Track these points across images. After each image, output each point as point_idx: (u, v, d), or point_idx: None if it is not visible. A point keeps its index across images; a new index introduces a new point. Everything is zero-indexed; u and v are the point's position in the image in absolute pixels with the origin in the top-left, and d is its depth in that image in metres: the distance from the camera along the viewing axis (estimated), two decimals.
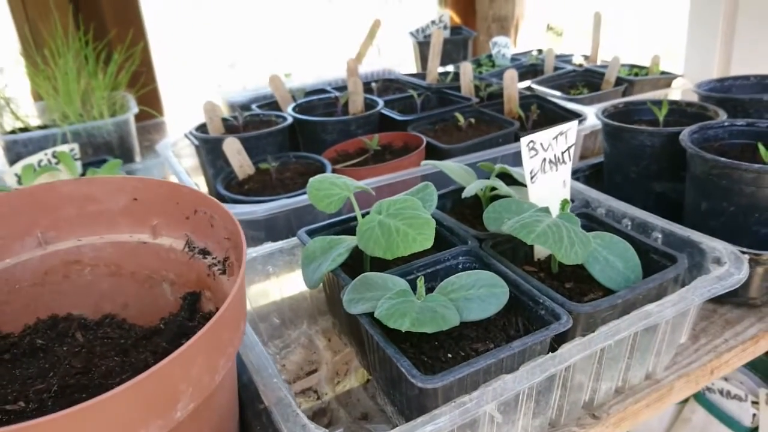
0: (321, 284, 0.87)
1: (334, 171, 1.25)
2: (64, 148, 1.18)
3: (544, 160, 0.83)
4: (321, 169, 1.27)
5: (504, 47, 2.11)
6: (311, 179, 0.86)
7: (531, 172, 0.83)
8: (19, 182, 1.14)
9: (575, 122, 0.84)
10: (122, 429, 0.44)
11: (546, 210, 0.77)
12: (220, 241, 0.66)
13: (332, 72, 2.09)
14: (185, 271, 0.70)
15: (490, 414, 0.63)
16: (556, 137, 0.83)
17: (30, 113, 1.84)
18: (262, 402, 0.67)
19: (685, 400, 1.42)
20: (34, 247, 0.69)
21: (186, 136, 1.60)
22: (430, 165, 0.99)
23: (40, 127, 1.71)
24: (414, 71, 2.24)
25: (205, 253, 0.68)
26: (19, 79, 2.01)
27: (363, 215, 0.80)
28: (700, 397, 1.37)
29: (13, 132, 1.69)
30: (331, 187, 0.84)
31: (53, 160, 1.17)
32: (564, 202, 0.78)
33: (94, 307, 0.74)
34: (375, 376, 0.76)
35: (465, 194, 0.89)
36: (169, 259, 0.71)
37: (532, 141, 0.81)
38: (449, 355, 0.68)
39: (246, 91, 1.94)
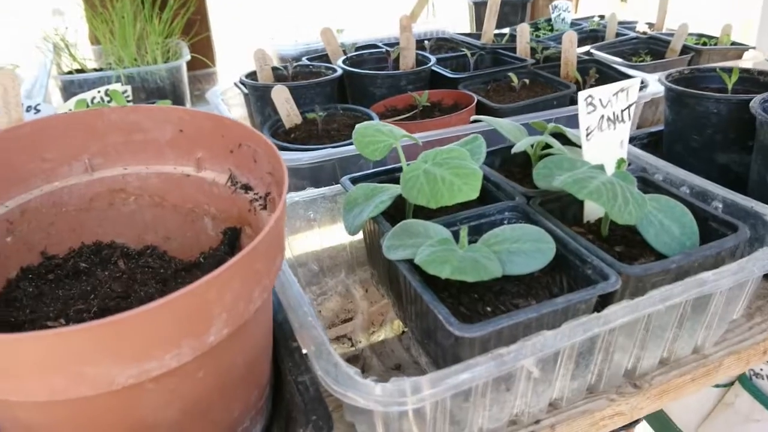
0: (361, 233, 0.86)
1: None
2: (116, 87, 1.19)
3: (602, 117, 0.79)
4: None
5: (564, 11, 2.03)
6: (357, 125, 0.84)
7: (587, 129, 0.79)
8: None
9: (638, 79, 0.80)
10: (156, 344, 0.44)
11: (600, 167, 0.73)
12: (263, 177, 0.65)
13: (385, 30, 2.05)
14: (227, 206, 0.70)
15: (527, 369, 0.61)
16: (616, 94, 0.79)
17: (87, 56, 1.87)
18: (295, 340, 0.67)
19: (729, 384, 1.38)
20: (81, 172, 0.69)
21: (236, 84, 1.60)
22: (480, 120, 0.96)
23: (95, 70, 1.73)
24: (468, 33, 2.18)
25: (247, 188, 0.67)
26: (78, 22, 2.05)
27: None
28: (745, 382, 1.32)
29: (69, 73, 1.72)
30: (376, 134, 0.83)
31: (105, 98, 1.18)
32: (620, 161, 0.74)
33: (137, 238, 0.74)
34: (410, 326, 0.75)
35: (515, 149, 0.86)
36: (212, 193, 0.70)
37: (590, 96, 0.77)
38: (488, 309, 0.67)
39: (297, 44, 1.92)
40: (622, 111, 0.80)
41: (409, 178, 0.75)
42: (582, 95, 0.77)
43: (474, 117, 0.96)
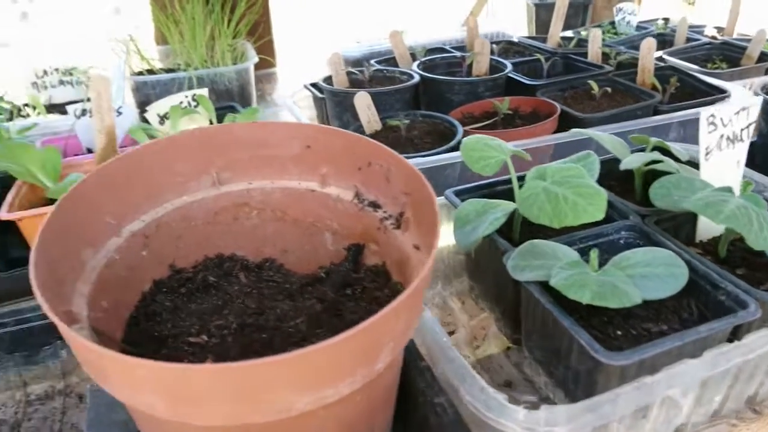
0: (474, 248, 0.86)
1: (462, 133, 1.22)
2: (202, 91, 1.20)
3: (722, 136, 0.78)
4: (449, 130, 1.25)
5: (630, 14, 2.00)
6: (464, 140, 0.84)
7: (706, 149, 0.77)
8: (161, 122, 1.17)
9: (760, 98, 0.78)
10: (335, 373, 0.45)
11: (729, 190, 0.72)
12: (395, 196, 0.65)
13: (445, 32, 2.04)
14: (351, 223, 0.70)
15: (665, 398, 0.60)
16: (738, 113, 0.77)
17: (152, 57, 1.89)
18: (423, 359, 0.67)
19: None
20: (209, 186, 0.70)
21: (306, 87, 1.61)
22: (581, 133, 0.95)
23: (165, 71, 1.75)
24: (526, 34, 2.16)
25: (375, 206, 0.67)
26: (137, 22, 2.07)
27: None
28: None
29: (140, 74, 1.74)
30: (485, 149, 0.82)
31: (192, 103, 1.19)
32: (746, 184, 0.73)
33: (256, 251, 0.75)
34: (528, 345, 0.74)
35: (625, 166, 0.85)
36: (336, 209, 0.70)
37: (712, 115, 0.76)
38: (618, 332, 0.66)
39: (360, 46, 1.92)
40: (742, 130, 0.79)
41: (528, 196, 0.74)
42: (704, 114, 0.75)
43: (574, 130, 0.95)
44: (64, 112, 1.64)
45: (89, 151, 1.36)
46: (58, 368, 0.82)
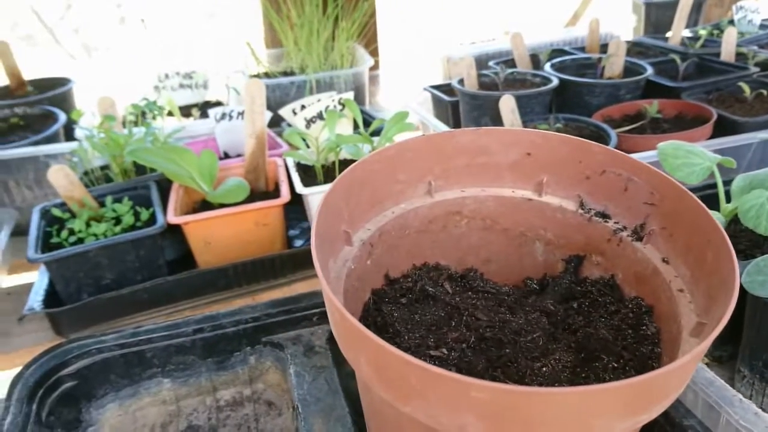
0: None
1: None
2: (348, 95, 1.20)
3: None
4: (595, 134, 1.21)
5: (752, 12, 1.91)
6: (661, 145, 0.80)
7: None
8: (307, 126, 1.18)
9: None
10: (657, 399, 0.42)
11: None
12: (633, 206, 0.62)
13: (553, 33, 2.00)
14: (571, 233, 0.67)
15: None
16: None
17: (262, 59, 1.91)
18: None
19: None
20: (423, 194, 0.69)
21: (427, 90, 1.59)
22: (760, 137, 0.90)
23: (282, 74, 1.77)
24: (632, 34, 2.09)
25: (604, 216, 0.65)
26: (249, 25, 2.09)
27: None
28: None
29: (257, 77, 1.76)
30: (689, 156, 0.79)
31: (338, 107, 1.19)
32: None
33: (459, 260, 0.73)
34: (753, 364, 0.70)
35: None
36: (554, 218, 0.68)
37: None
38: None
39: (469, 47, 1.90)
40: None
41: (751, 206, 0.70)
42: None
43: (750, 135, 0.90)
44: (187, 115, 1.68)
45: (225, 154, 1.37)
46: (246, 374, 0.82)
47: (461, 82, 1.40)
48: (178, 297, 1.02)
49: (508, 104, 1.21)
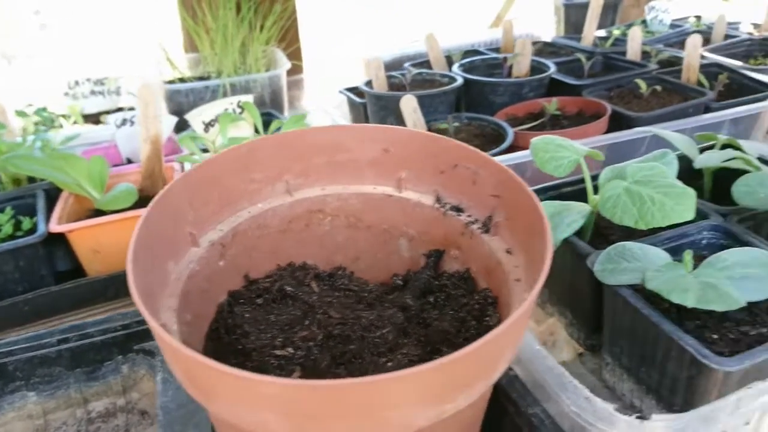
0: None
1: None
2: (248, 98, 1.18)
3: None
4: (496, 132, 1.23)
5: (662, 12, 1.97)
6: (534, 140, 0.81)
7: None
8: (206, 129, 1.16)
9: None
10: (457, 387, 0.42)
11: None
12: (482, 199, 0.62)
13: (474, 34, 2.02)
14: (430, 228, 0.68)
15: None
16: None
17: (180, 64, 1.87)
18: (511, 369, 0.64)
19: None
20: (282, 193, 0.68)
21: (342, 92, 1.59)
22: (646, 132, 0.93)
23: (197, 78, 1.74)
24: (553, 35, 2.13)
25: (458, 210, 0.65)
26: (167, 30, 2.06)
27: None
28: None
29: (172, 82, 1.73)
30: (558, 150, 0.80)
31: (238, 110, 1.18)
32: None
33: (327, 259, 0.73)
34: (611, 351, 0.71)
35: (700, 165, 0.82)
36: (414, 214, 0.68)
37: None
38: (714, 336, 0.63)
39: (390, 50, 1.91)
40: None
41: (609, 197, 0.71)
42: None
43: (640, 129, 0.92)
44: (97, 122, 1.64)
45: (129, 160, 1.34)
46: (119, 384, 0.80)
47: (369, 83, 1.40)
48: (64, 308, 0.98)
49: (409, 104, 1.21)
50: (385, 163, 0.68)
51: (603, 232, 0.82)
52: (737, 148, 0.88)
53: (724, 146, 0.90)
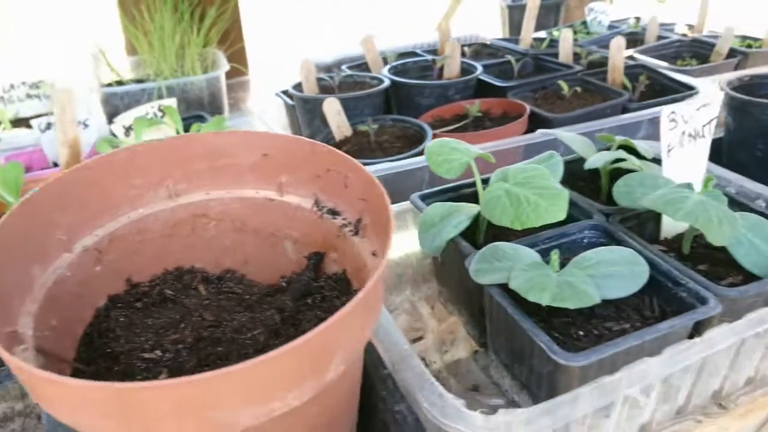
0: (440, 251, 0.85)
1: (432, 136, 1.22)
2: (169, 102, 1.19)
3: (683, 133, 0.78)
4: (419, 134, 1.24)
5: (601, 14, 2.01)
6: (429, 144, 0.83)
7: (668, 146, 0.77)
8: (126, 134, 1.16)
9: (720, 95, 0.78)
10: (281, 385, 0.44)
11: (689, 186, 0.72)
12: (353, 202, 0.64)
13: (418, 36, 2.04)
14: (311, 231, 0.69)
15: (628, 396, 0.60)
16: (699, 109, 0.77)
17: (122, 67, 1.87)
18: (385, 367, 0.66)
19: None
20: (165, 198, 0.69)
21: (278, 95, 1.60)
22: (545, 134, 0.95)
23: (135, 81, 1.74)
24: (500, 36, 2.16)
25: (334, 213, 0.67)
26: (109, 32, 2.05)
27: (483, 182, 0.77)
28: None
29: (109, 85, 1.72)
30: (451, 152, 0.82)
31: (159, 114, 1.18)
32: (708, 179, 0.73)
33: (216, 262, 0.74)
34: (494, 348, 0.74)
35: (590, 165, 0.85)
36: (295, 217, 0.70)
37: (673, 112, 0.76)
38: (580, 333, 0.65)
39: (331, 52, 1.92)
40: (703, 126, 0.79)
41: (490, 198, 0.74)
42: (665, 111, 0.76)
43: (541, 131, 0.95)
44: (31, 126, 1.63)
45: (56, 165, 1.34)
46: (17, 389, 0.80)
47: (299, 86, 1.42)
48: None
49: (332, 107, 1.23)
50: (265, 167, 0.69)
51: (499, 233, 0.85)
52: (632, 148, 0.91)
53: (621, 147, 0.92)
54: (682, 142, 0.78)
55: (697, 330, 0.65)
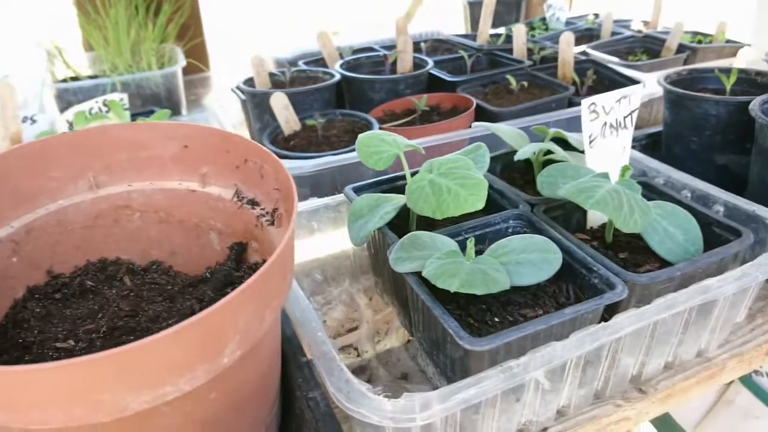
0: (365, 242, 0.86)
1: (380, 130, 1.23)
2: (114, 96, 1.18)
3: (605, 124, 0.80)
4: (367, 128, 1.25)
5: (559, 10, 2.03)
6: (360, 136, 0.84)
7: (590, 137, 0.79)
8: (70, 129, 1.15)
9: (640, 86, 0.80)
10: (170, 370, 0.44)
11: (605, 176, 0.73)
12: (269, 192, 0.65)
13: (381, 32, 2.05)
14: (233, 221, 0.70)
15: (536, 380, 0.61)
16: (618, 100, 0.79)
17: (80, 63, 1.86)
18: (304, 355, 0.67)
19: (730, 382, 1.38)
20: (86, 190, 0.69)
21: (233, 90, 1.60)
22: (481, 126, 0.96)
23: (90, 77, 1.73)
24: (464, 33, 2.18)
25: (253, 203, 0.67)
26: (71, 28, 2.03)
27: (412, 174, 0.78)
28: (746, 380, 1.33)
29: (64, 80, 1.71)
30: (380, 144, 0.82)
31: (104, 108, 1.18)
32: (624, 169, 0.75)
33: (142, 253, 0.74)
34: (418, 337, 0.75)
35: (518, 156, 0.86)
36: (218, 208, 0.70)
37: (593, 103, 0.77)
38: (496, 319, 0.67)
39: (293, 48, 1.92)
40: (624, 118, 0.81)
41: (415, 189, 0.75)
42: (585, 103, 0.77)
43: (475, 123, 0.96)
44: None
45: None
46: None
47: (250, 81, 1.42)
48: None
49: (280, 101, 1.23)
50: (186, 159, 0.70)
51: (428, 223, 0.86)
52: (562, 139, 0.93)
53: (553, 139, 0.94)
54: (604, 133, 0.79)
55: (610, 315, 0.67)
